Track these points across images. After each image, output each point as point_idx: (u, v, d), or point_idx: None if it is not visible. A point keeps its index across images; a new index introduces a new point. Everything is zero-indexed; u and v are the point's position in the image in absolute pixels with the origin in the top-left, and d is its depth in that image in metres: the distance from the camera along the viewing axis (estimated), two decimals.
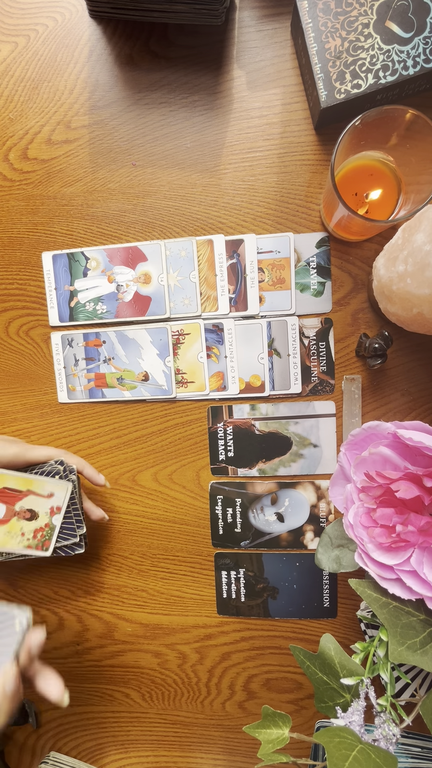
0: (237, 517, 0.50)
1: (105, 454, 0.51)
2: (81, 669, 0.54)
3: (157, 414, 0.50)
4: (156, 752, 0.54)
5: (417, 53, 0.40)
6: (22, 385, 0.52)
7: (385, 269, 0.39)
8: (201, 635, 0.52)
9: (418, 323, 0.38)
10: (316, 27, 0.41)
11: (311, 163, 0.47)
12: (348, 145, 0.39)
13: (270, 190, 0.47)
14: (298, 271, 0.48)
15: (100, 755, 0.54)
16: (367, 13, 0.40)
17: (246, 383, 0.49)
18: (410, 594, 0.32)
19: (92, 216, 0.49)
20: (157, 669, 0.53)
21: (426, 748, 0.42)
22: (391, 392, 0.48)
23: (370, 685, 0.33)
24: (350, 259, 0.47)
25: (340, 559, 0.38)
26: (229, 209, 0.48)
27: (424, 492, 0.32)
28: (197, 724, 0.53)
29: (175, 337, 0.49)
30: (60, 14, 0.48)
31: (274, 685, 0.51)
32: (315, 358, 0.48)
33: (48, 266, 0.50)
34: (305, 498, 0.49)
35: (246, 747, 0.53)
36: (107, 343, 0.50)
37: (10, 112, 0.49)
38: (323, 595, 0.50)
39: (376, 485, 0.33)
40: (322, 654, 0.35)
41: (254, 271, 0.48)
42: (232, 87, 0.47)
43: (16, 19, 0.48)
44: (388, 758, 0.29)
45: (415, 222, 0.36)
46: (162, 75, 0.48)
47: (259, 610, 0.50)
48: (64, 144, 0.49)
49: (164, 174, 0.48)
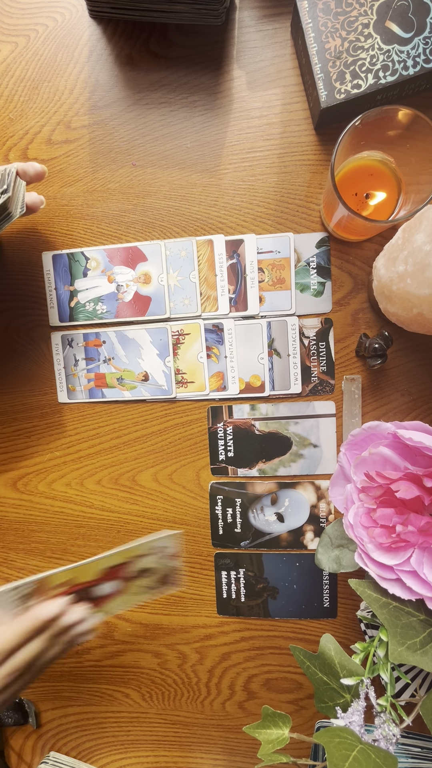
0: (237, 517, 0.50)
1: (105, 454, 0.51)
2: (81, 669, 0.54)
3: (157, 414, 0.50)
4: (156, 752, 0.54)
5: (417, 53, 0.40)
6: (22, 385, 0.52)
7: (385, 269, 0.39)
8: (201, 635, 0.52)
9: (418, 323, 0.38)
10: (316, 27, 0.41)
11: (311, 163, 0.47)
12: (348, 145, 0.39)
13: (270, 190, 0.47)
14: (298, 271, 0.48)
15: (100, 755, 0.54)
16: (367, 13, 0.40)
17: (246, 383, 0.49)
18: (410, 594, 0.32)
19: (92, 216, 0.49)
20: (157, 669, 0.53)
21: (426, 748, 0.42)
22: (391, 392, 0.48)
23: (370, 685, 0.33)
24: (350, 259, 0.47)
25: (340, 559, 0.38)
26: (229, 209, 0.48)
27: (424, 492, 0.32)
28: (197, 724, 0.53)
29: (175, 337, 0.49)
30: (60, 14, 0.48)
31: (274, 685, 0.51)
32: (315, 358, 0.48)
33: (48, 266, 0.50)
34: (305, 498, 0.49)
35: (246, 747, 0.53)
36: (107, 343, 0.50)
37: (10, 112, 0.49)
38: (323, 595, 0.50)
39: (376, 485, 0.33)
40: (322, 654, 0.35)
41: (254, 271, 0.48)
42: (232, 87, 0.47)
43: (16, 19, 0.48)
44: (388, 758, 0.29)
45: (415, 222, 0.36)
46: (162, 75, 0.48)
47: (259, 610, 0.50)
48: (64, 144, 0.49)
49: (164, 174, 0.48)
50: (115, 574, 0.41)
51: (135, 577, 0.42)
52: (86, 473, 0.52)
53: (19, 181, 0.41)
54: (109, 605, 0.43)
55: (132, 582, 0.43)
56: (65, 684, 0.54)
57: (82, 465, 0.52)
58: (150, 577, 0.43)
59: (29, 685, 0.38)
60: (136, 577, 0.42)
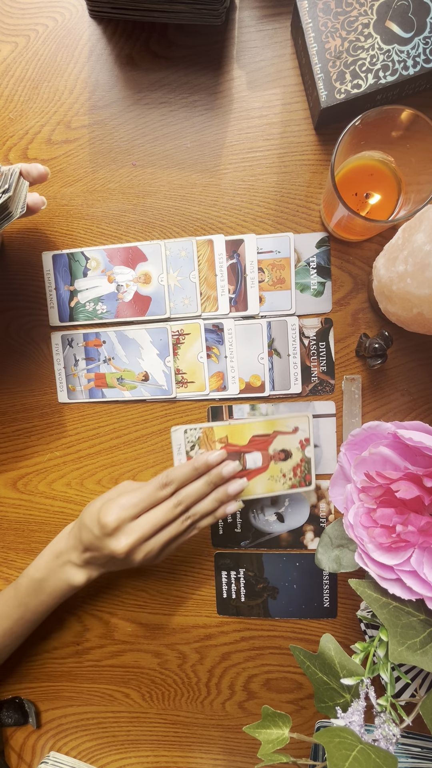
0: (237, 517, 0.50)
1: (105, 454, 0.51)
2: (81, 669, 0.54)
3: (157, 414, 0.50)
4: (156, 752, 0.54)
5: (417, 53, 0.40)
6: (22, 385, 0.52)
7: (385, 269, 0.39)
8: (201, 635, 0.52)
9: (418, 323, 0.38)
10: (316, 27, 0.41)
11: (311, 163, 0.47)
12: (348, 145, 0.40)
13: (270, 190, 0.47)
14: (298, 271, 0.48)
15: (100, 755, 0.54)
16: (367, 13, 0.40)
17: (246, 383, 0.49)
18: (410, 594, 0.32)
19: (92, 216, 0.49)
20: (157, 669, 0.53)
21: (426, 748, 0.42)
22: (391, 392, 0.48)
23: (370, 685, 0.33)
24: (350, 259, 0.47)
25: (340, 559, 0.38)
26: (229, 209, 0.48)
27: (424, 492, 0.32)
28: (197, 724, 0.53)
29: (175, 337, 0.49)
30: (60, 14, 0.48)
31: (274, 685, 0.51)
32: (315, 358, 0.48)
33: (48, 266, 0.50)
34: (305, 498, 0.49)
35: (246, 747, 0.53)
36: (107, 343, 0.50)
37: (10, 112, 0.49)
38: (323, 595, 0.50)
39: (376, 485, 0.33)
40: (322, 654, 0.35)
41: (254, 271, 0.48)
42: (232, 87, 0.47)
43: (16, 19, 0.48)
44: (388, 758, 0.29)
45: (415, 222, 0.36)
46: (162, 75, 0.48)
47: (259, 610, 0.50)
48: (64, 144, 0.49)
49: (164, 174, 0.48)
50: (260, 445, 0.44)
51: (275, 456, 0.45)
52: (86, 473, 0.52)
53: (22, 182, 0.41)
54: (252, 484, 0.45)
55: (272, 463, 0.45)
56: (65, 684, 0.54)
57: (82, 465, 0.52)
58: (288, 462, 0.45)
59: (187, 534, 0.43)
60: (276, 457, 0.45)
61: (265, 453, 0.45)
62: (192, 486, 0.42)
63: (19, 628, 0.46)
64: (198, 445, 0.44)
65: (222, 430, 0.44)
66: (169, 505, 0.41)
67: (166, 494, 0.41)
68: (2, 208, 0.38)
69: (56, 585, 0.45)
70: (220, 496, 0.42)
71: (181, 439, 0.44)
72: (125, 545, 0.40)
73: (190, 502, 0.42)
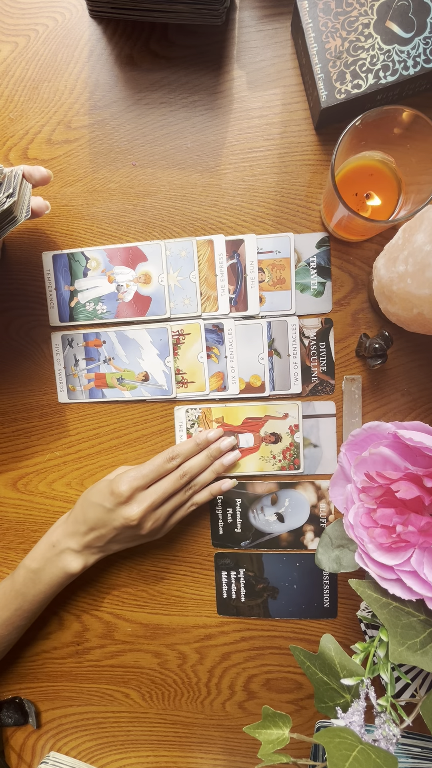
0: (237, 517, 0.50)
1: (105, 454, 0.51)
2: (81, 669, 0.54)
3: (157, 414, 0.50)
4: (156, 752, 0.54)
5: (417, 53, 0.40)
6: (22, 385, 0.52)
7: (385, 269, 0.39)
8: (201, 635, 0.52)
9: (419, 323, 0.38)
10: (317, 27, 0.41)
11: (311, 163, 0.47)
12: (348, 145, 0.40)
13: (270, 190, 0.47)
14: (299, 271, 0.48)
15: (100, 755, 0.54)
16: (368, 13, 0.40)
17: (246, 383, 0.49)
18: (410, 594, 0.32)
19: (92, 216, 0.49)
20: (157, 669, 0.53)
21: (426, 748, 0.42)
22: (391, 392, 0.48)
23: (370, 685, 0.33)
24: (350, 259, 0.47)
25: (340, 560, 0.38)
26: (229, 209, 0.48)
27: (425, 492, 0.32)
28: (197, 724, 0.53)
29: (175, 337, 0.49)
30: (60, 14, 0.48)
31: (274, 685, 0.51)
32: (315, 358, 0.48)
33: (48, 266, 0.50)
34: (305, 498, 0.49)
35: (246, 747, 0.53)
36: (107, 343, 0.50)
37: (10, 112, 0.49)
38: (323, 595, 0.50)
39: (376, 485, 0.33)
40: (322, 654, 0.35)
41: (254, 271, 0.48)
42: (233, 87, 0.47)
43: (16, 19, 0.48)
44: (388, 758, 0.29)
45: (415, 222, 0.36)
46: (162, 75, 0.48)
47: (259, 610, 0.50)
48: (64, 144, 0.49)
49: (164, 174, 0.48)
50: (252, 427, 0.48)
51: (266, 438, 0.48)
52: (86, 473, 0.52)
53: (25, 184, 0.41)
54: (244, 462, 0.49)
55: (263, 444, 0.48)
56: (65, 684, 0.54)
57: (83, 465, 0.52)
58: (278, 444, 0.48)
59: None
60: (266, 440, 0.48)
61: (256, 434, 0.49)
62: (195, 459, 0.47)
63: (17, 619, 0.47)
64: (197, 423, 0.49)
65: (219, 411, 0.49)
66: (176, 476, 0.45)
67: (173, 466, 0.46)
68: (7, 213, 0.38)
69: (53, 574, 0.46)
70: (216, 467, 0.47)
71: (183, 417, 0.49)
72: (138, 511, 0.43)
73: (194, 474, 0.46)
